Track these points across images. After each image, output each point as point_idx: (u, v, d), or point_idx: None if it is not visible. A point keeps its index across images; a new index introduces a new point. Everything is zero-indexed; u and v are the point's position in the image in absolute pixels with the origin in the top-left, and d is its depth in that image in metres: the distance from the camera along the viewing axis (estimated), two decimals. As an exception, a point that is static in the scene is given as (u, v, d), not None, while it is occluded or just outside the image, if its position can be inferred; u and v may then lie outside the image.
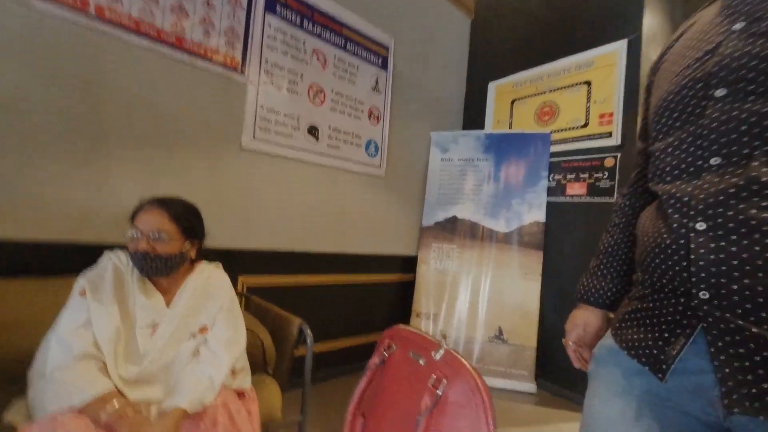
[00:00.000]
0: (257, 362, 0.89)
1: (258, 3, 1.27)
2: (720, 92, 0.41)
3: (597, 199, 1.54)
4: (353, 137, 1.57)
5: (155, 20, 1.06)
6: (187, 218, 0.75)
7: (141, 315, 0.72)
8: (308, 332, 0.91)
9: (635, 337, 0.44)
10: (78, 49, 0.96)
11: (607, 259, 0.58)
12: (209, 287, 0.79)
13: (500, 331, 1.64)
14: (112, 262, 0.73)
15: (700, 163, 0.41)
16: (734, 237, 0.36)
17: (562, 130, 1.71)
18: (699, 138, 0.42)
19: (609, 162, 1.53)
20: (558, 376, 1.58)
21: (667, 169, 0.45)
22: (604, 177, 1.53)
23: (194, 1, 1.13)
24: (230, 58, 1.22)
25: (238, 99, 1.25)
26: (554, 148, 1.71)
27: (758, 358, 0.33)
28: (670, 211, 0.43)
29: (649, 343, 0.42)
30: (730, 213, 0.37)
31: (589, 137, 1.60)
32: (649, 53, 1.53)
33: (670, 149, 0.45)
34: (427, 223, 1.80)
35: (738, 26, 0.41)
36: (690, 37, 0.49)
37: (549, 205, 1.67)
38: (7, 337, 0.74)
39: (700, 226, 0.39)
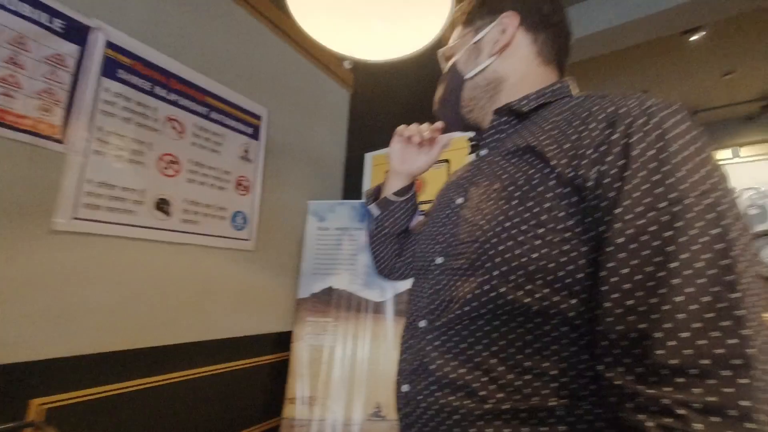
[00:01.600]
0: None
1: (92, 66, 1.11)
2: (439, 260, 0.48)
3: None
4: (216, 210, 1.44)
5: None
6: None
7: None
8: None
9: None
10: None
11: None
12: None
13: (379, 408, 1.59)
14: None
15: (416, 321, 0.48)
16: (422, 402, 0.43)
17: (428, 202, 1.88)
18: (420, 296, 0.49)
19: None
20: (435, 447, 1.57)
21: (407, 316, 0.52)
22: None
23: (-10, 58, 0.93)
24: (45, 124, 1.01)
25: (54, 172, 1.03)
26: (422, 219, 1.85)
27: None
28: (398, 364, 0.50)
29: None
30: (419, 379, 0.44)
31: (450, 211, 1.78)
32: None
33: (412, 296, 0.53)
34: (303, 295, 1.72)
35: (459, 201, 0.51)
36: (444, 189, 0.59)
37: (420, 272, 1.76)
38: None
39: (405, 388, 0.45)
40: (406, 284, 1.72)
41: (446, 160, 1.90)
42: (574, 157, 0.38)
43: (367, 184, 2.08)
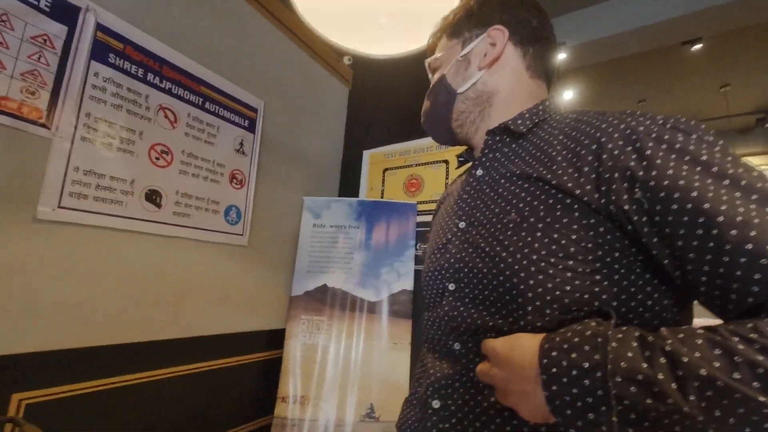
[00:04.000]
0: None
1: (80, 48, 1.06)
2: (451, 286, 0.48)
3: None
4: (209, 203, 1.40)
5: None
6: None
7: None
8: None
9: None
10: None
11: None
12: None
13: (372, 408, 1.56)
14: None
15: (448, 342, 0.48)
16: (459, 416, 0.43)
17: (426, 202, 1.86)
18: (441, 323, 0.49)
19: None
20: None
21: (425, 338, 0.52)
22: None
23: (-29, 35, 0.87)
24: (29, 107, 0.96)
25: (37, 158, 0.98)
26: (420, 219, 1.83)
27: None
28: (426, 382, 0.49)
29: None
30: (455, 396, 0.44)
31: (447, 211, 1.76)
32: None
33: (429, 323, 0.52)
34: (296, 293, 1.68)
35: (462, 225, 0.50)
36: (442, 214, 0.59)
37: (417, 273, 1.74)
38: None
39: (435, 404, 0.45)
40: (400, 285, 1.70)
41: (445, 161, 1.88)
42: (601, 182, 0.37)
43: (364, 181, 2.05)
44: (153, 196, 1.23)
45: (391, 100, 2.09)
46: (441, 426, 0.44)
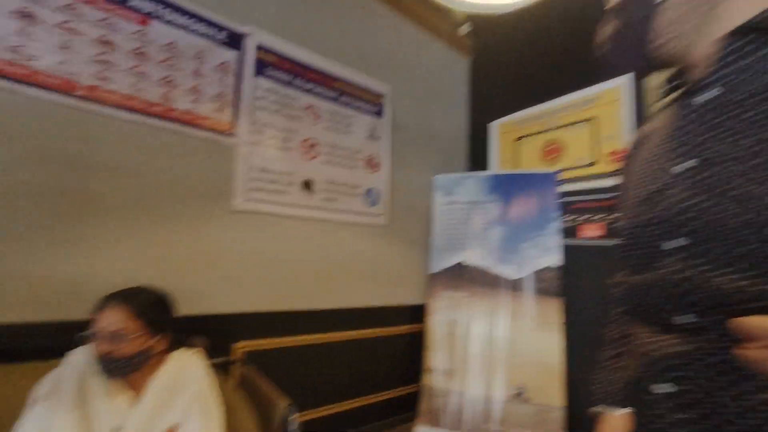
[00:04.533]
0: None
1: (247, 68, 1.28)
2: (677, 242, 0.39)
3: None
4: (351, 188, 1.53)
5: (143, 94, 1.08)
6: (152, 312, 0.70)
7: (105, 419, 0.66)
8: (292, 419, 0.82)
9: None
10: (65, 129, 0.97)
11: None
12: (181, 379, 0.72)
13: (521, 389, 1.49)
14: (74, 363, 0.68)
15: (671, 315, 0.39)
16: (702, 407, 0.36)
17: (570, 169, 1.63)
18: (663, 288, 0.40)
19: (624, 200, 1.43)
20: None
21: (634, 307, 0.45)
22: (621, 217, 1.43)
23: (182, 71, 1.15)
24: (220, 122, 1.22)
25: (229, 162, 1.24)
26: (563, 188, 1.61)
27: None
28: (645, 361, 0.42)
29: None
30: (693, 380, 0.36)
31: (599, 176, 1.51)
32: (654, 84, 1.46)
33: (641, 288, 0.43)
34: (435, 269, 1.71)
35: (689, 164, 0.38)
36: (645, 157, 0.45)
37: (563, 248, 1.55)
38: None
39: (666, 388, 0.38)
40: (546, 261, 1.55)
41: (593, 119, 1.60)
42: None
43: (495, 154, 1.93)
44: (307, 185, 1.41)
45: (516, 62, 1.89)
46: (676, 416, 0.36)
